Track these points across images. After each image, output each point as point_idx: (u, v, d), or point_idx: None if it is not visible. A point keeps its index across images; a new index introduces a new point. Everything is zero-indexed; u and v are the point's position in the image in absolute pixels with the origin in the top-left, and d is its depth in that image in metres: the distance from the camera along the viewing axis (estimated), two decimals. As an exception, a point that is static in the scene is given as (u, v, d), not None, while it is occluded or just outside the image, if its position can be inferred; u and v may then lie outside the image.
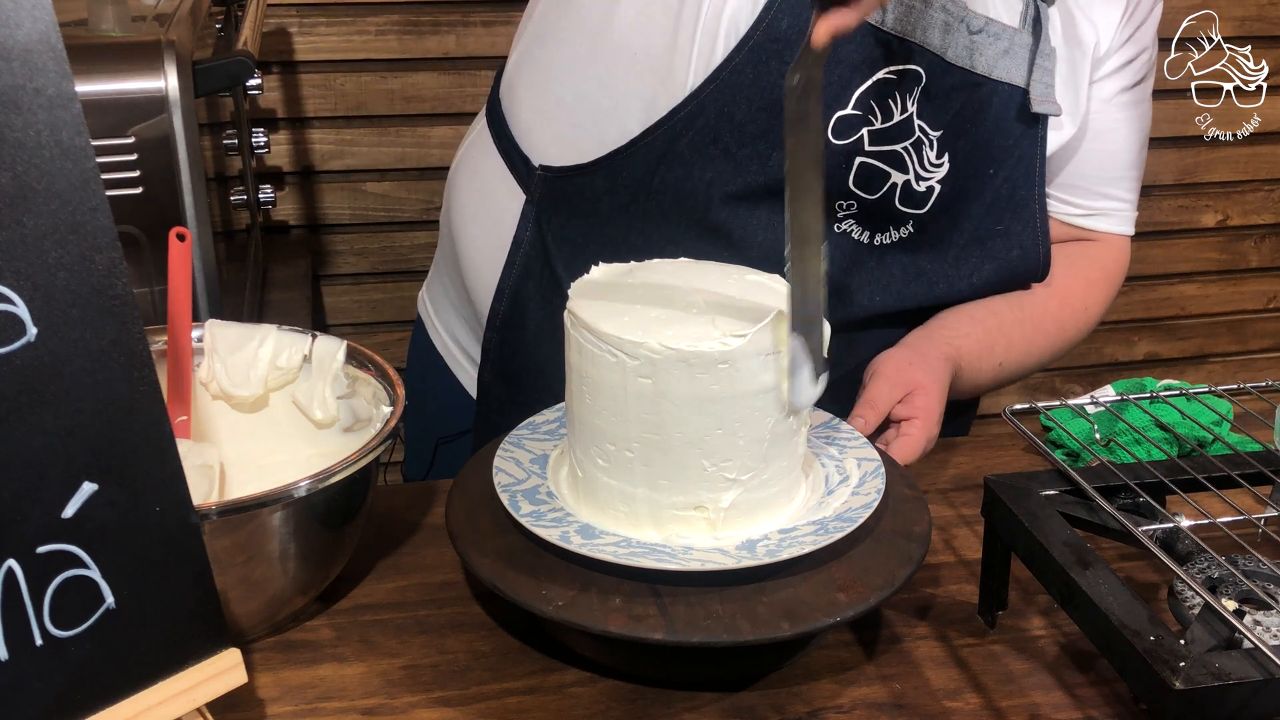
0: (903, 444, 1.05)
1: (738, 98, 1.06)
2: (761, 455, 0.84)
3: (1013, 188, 1.14)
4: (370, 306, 2.22)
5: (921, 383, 1.08)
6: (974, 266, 1.16)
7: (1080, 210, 1.25)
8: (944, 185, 1.11)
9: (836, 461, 0.93)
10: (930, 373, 1.10)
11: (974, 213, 1.14)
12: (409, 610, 0.92)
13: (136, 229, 1.11)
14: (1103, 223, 1.27)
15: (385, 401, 0.95)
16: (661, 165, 1.11)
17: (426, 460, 1.39)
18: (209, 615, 0.72)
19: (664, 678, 0.85)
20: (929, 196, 1.12)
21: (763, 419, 0.83)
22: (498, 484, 0.88)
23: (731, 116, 1.07)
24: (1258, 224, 2.50)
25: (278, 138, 2.07)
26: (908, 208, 1.12)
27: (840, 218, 1.11)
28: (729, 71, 1.06)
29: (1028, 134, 1.13)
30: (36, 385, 0.63)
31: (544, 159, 1.18)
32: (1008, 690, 0.85)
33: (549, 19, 1.20)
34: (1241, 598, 0.82)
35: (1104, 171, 1.23)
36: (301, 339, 0.99)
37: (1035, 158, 1.14)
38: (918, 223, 1.13)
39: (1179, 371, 2.57)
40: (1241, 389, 1.02)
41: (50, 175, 0.63)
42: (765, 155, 1.08)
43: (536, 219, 1.19)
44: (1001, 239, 1.16)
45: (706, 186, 1.10)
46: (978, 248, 1.15)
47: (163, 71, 1.10)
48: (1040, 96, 1.10)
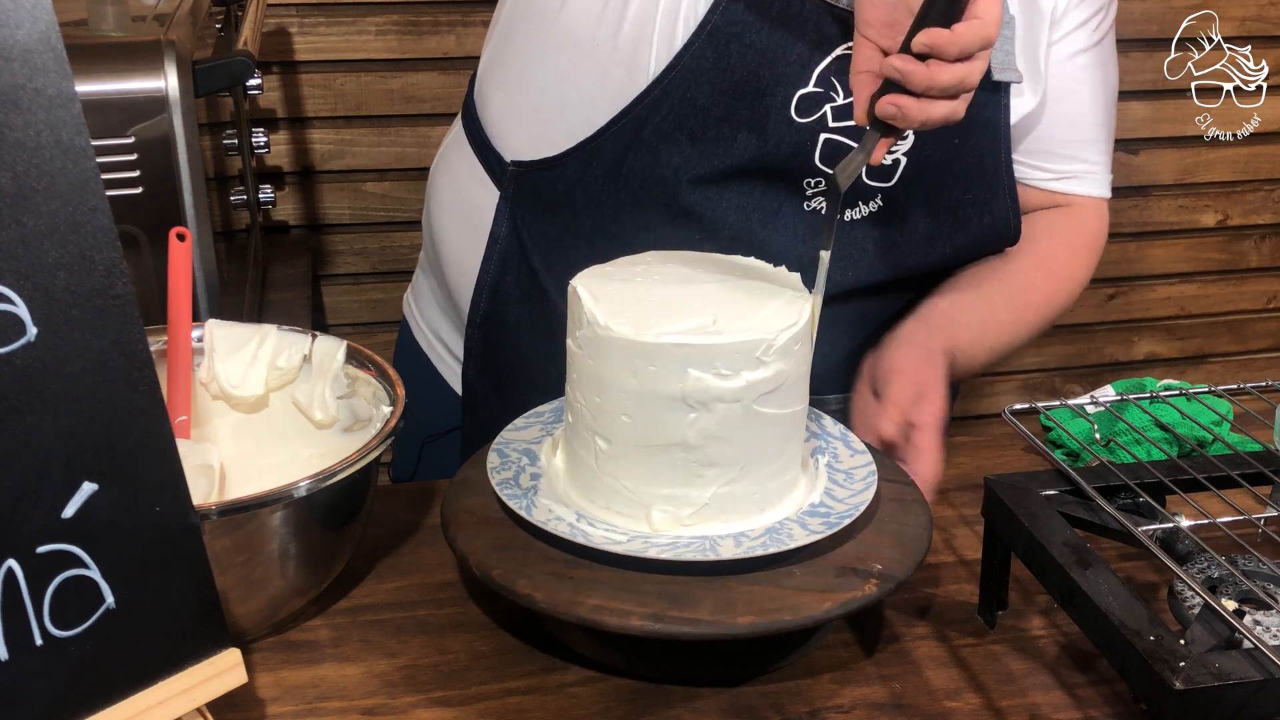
0: (926, 462, 1.02)
1: (700, 82, 1.07)
2: (762, 449, 0.84)
3: (980, 156, 1.14)
4: (370, 306, 2.22)
5: (933, 385, 1.08)
6: (946, 236, 1.16)
7: (1051, 174, 1.25)
8: (909, 158, 1.12)
9: (833, 456, 0.93)
10: (937, 372, 1.10)
11: (944, 183, 1.14)
12: (409, 610, 0.92)
13: (136, 229, 1.11)
14: (1076, 185, 1.26)
15: (385, 401, 0.95)
16: (629, 153, 1.12)
17: (413, 461, 1.40)
18: (209, 615, 0.72)
19: (664, 677, 0.85)
20: (895, 170, 1.12)
21: (764, 412, 0.83)
22: (494, 481, 0.88)
23: (694, 101, 1.08)
24: (1258, 224, 2.50)
25: (278, 138, 2.07)
26: (874, 181, 1.12)
27: (809, 195, 1.12)
28: (689, 57, 1.07)
29: (990, 102, 1.13)
30: (36, 385, 0.63)
31: (516, 155, 1.20)
32: (1008, 690, 0.85)
33: (514, 16, 1.22)
34: (1241, 598, 0.82)
35: (1072, 134, 1.23)
36: (301, 339, 0.99)
37: (1000, 125, 1.14)
38: (886, 196, 1.13)
39: (1179, 371, 2.57)
40: (1241, 389, 1.03)
41: (50, 175, 0.63)
42: (730, 138, 1.09)
43: (511, 215, 1.21)
44: (972, 208, 1.16)
45: (674, 172, 1.11)
46: (949, 217, 1.15)
47: (163, 71, 1.10)
48: (1000, 64, 1.10)
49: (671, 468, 0.83)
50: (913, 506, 0.90)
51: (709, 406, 0.81)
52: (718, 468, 0.83)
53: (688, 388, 0.81)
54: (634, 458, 0.84)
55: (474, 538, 0.85)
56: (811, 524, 0.85)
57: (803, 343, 0.85)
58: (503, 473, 0.89)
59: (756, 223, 1.12)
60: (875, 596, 0.81)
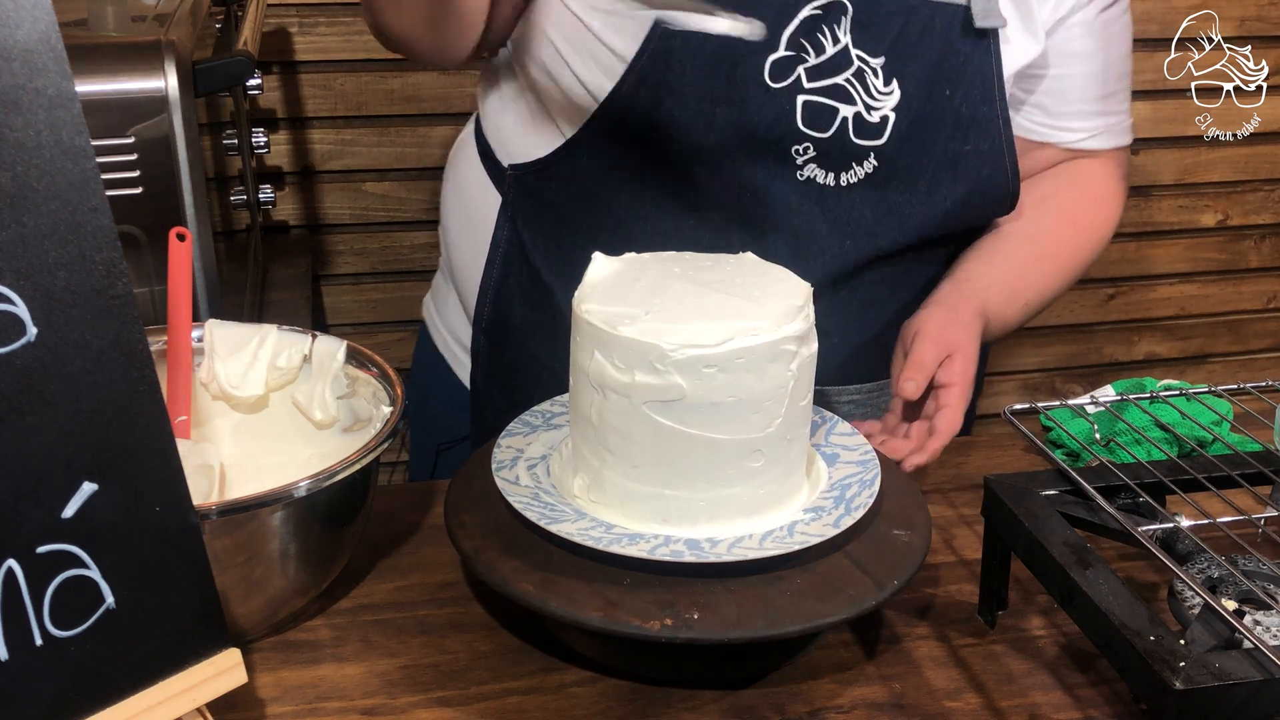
0: (946, 416, 1.04)
1: (672, 62, 1.08)
2: (765, 453, 0.84)
3: (973, 106, 1.13)
4: (370, 306, 2.22)
5: (961, 345, 1.08)
6: (946, 191, 1.15)
7: (1082, 133, 1.25)
8: (898, 113, 1.11)
9: (835, 459, 0.93)
10: (967, 332, 1.09)
11: (940, 136, 1.13)
12: (409, 610, 0.92)
13: (136, 229, 1.11)
14: (1103, 140, 1.26)
15: (385, 401, 0.95)
16: (616, 145, 1.13)
17: (429, 466, 1.40)
18: (209, 615, 0.72)
19: (664, 677, 0.85)
20: (884, 126, 1.11)
21: (769, 418, 0.83)
22: (499, 479, 0.88)
23: (669, 84, 1.08)
24: (1258, 224, 2.50)
25: (278, 138, 2.07)
26: (864, 140, 1.11)
27: (800, 164, 1.11)
28: (658, 39, 1.08)
29: (979, 49, 1.12)
30: (36, 385, 0.63)
31: (513, 159, 1.22)
32: (1008, 690, 0.85)
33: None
34: (1241, 598, 0.82)
35: (1101, 88, 1.23)
36: (301, 339, 0.99)
37: (991, 72, 1.13)
38: (880, 155, 1.12)
39: (1179, 371, 2.57)
40: (1241, 389, 1.03)
41: (50, 175, 0.63)
42: (709, 114, 1.09)
43: (512, 218, 1.23)
44: (971, 159, 1.15)
45: (661, 158, 1.11)
46: (949, 170, 1.15)
47: (163, 71, 1.10)
48: (982, 11, 1.10)
49: (676, 470, 0.83)
50: (913, 507, 0.90)
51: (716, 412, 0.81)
52: (723, 472, 0.83)
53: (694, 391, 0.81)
54: (635, 459, 0.84)
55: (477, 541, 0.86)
56: (812, 527, 0.85)
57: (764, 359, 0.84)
58: (508, 473, 0.89)
59: (749, 200, 1.12)
60: (876, 600, 0.81)
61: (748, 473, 0.84)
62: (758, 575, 0.82)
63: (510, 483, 0.88)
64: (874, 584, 0.82)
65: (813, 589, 0.81)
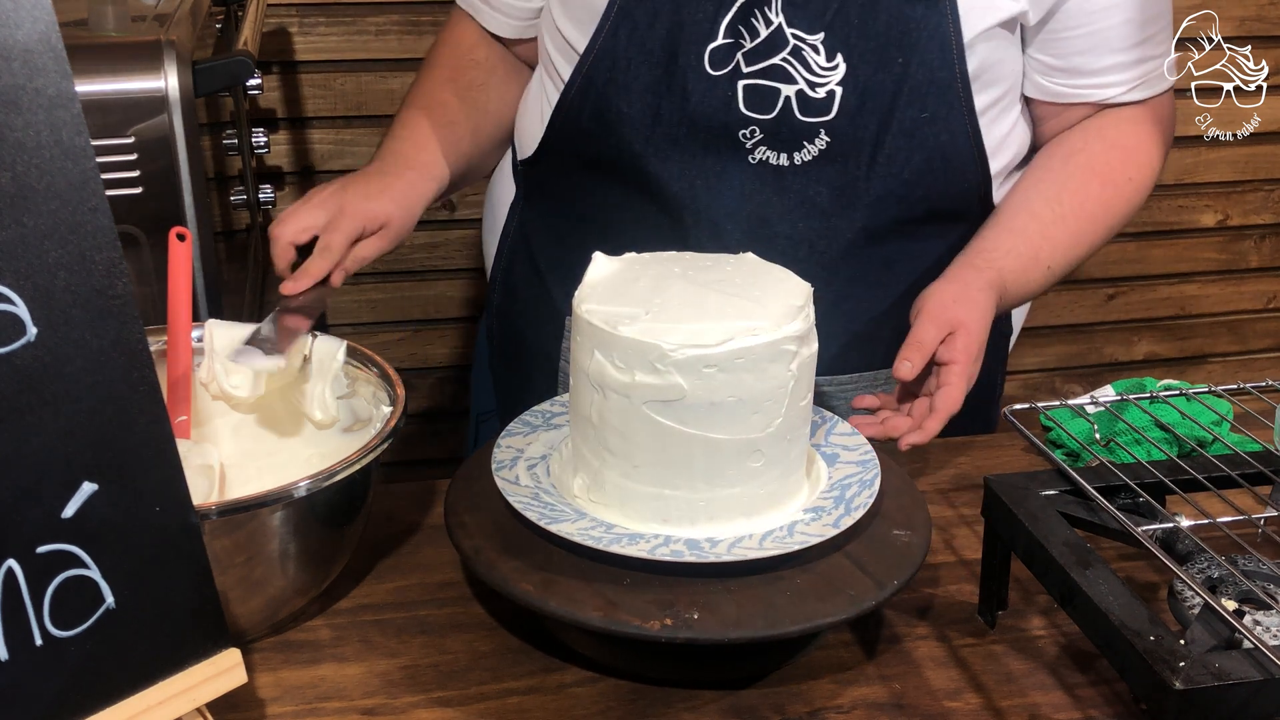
0: (945, 395, 1.02)
1: (618, 59, 1.12)
2: (766, 453, 0.84)
3: (930, 71, 1.11)
4: (370, 306, 2.22)
5: (964, 322, 1.05)
6: (903, 161, 1.13)
7: (1119, 87, 1.19)
8: (845, 87, 1.10)
9: (835, 459, 0.93)
10: (973, 308, 1.07)
11: (895, 106, 1.11)
12: (409, 610, 0.92)
13: (136, 229, 1.11)
14: (1140, 91, 1.20)
15: (385, 401, 0.95)
16: (581, 139, 1.17)
17: (473, 435, 1.47)
18: (209, 615, 0.72)
19: (664, 677, 0.85)
20: (831, 101, 1.10)
21: (769, 418, 0.83)
22: (498, 479, 0.88)
23: (617, 80, 1.12)
24: (1258, 224, 2.50)
25: (278, 138, 2.07)
26: (811, 117, 1.11)
27: (750, 148, 1.12)
28: (605, 37, 1.12)
29: (932, 14, 1.09)
30: (36, 385, 0.63)
31: (524, 151, 1.27)
32: (1008, 690, 0.85)
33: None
34: (1241, 598, 0.82)
35: (1140, 32, 1.17)
36: (302, 339, 0.99)
37: (949, 35, 1.10)
38: (831, 130, 1.11)
39: (1179, 371, 2.57)
40: (1241, 389, 1.03)
41: (50, 175, 0.63)
42: (655, 106, 1.12)
43: (521, 210, 1.30)
44: (929, 126, 1.13)
45: (618, 151, 1.15)
46: (905, 140, 1.12)
47: (163, 71, 1.10)
48: None
49: (676, 471, 0.83)
50: (913, 507, 0.90)
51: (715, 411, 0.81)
52: (723, 472, 0.83)
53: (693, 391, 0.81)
54: (635, 459, 0.84)
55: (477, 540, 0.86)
56: (812, 527, 0.85)
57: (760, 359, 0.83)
58: (505, 471, 0.89)
59: (700, 188, 1.13)
60: (876, 600, 0.81)
61: (748, 473, 0.84)
62: (758, 575, 0.82)
63: (510, 483, 0.88)
64: (874, 584, 0.82)
65: (813, 589, 0.81)
